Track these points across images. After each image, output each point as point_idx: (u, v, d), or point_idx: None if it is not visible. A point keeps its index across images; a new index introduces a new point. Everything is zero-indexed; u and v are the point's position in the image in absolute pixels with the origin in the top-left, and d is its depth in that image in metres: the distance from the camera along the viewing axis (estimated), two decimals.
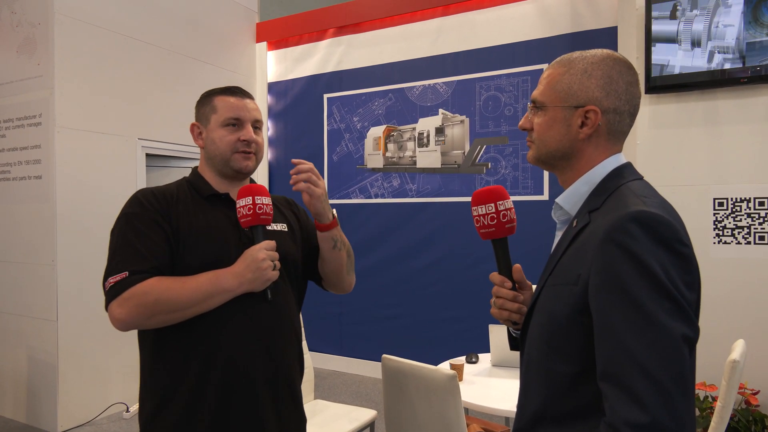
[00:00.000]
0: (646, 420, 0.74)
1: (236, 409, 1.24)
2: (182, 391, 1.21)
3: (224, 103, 1.33)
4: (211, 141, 1.33)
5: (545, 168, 1.05)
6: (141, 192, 1.31)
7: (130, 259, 1.19)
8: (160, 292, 1.16)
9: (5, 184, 3.68)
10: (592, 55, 0.97)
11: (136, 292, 1.16)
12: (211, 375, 1.22)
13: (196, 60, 4.40)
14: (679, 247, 0.82)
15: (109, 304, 1.18)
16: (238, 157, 1.32)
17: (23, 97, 3.55)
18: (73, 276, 3.46)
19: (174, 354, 1.23)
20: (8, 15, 3.63)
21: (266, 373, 1.28)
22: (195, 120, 1.39)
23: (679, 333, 0.77)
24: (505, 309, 1.08)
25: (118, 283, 1.17)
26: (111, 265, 1.21)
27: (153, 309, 1.16)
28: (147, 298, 1.16)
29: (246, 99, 1.36)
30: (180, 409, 1.21)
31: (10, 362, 3.63)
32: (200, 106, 1.38)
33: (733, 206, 2.98)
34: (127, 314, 1.16)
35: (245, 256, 1.22)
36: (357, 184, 4.63)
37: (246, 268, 1.20)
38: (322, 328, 4.69)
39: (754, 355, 2.80)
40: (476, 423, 2.14)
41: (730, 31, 2.90)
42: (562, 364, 0.89)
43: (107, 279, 1.20)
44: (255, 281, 1.21)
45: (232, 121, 1.32)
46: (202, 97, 1.40)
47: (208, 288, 1.19)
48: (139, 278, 1.17)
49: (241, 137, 1.31)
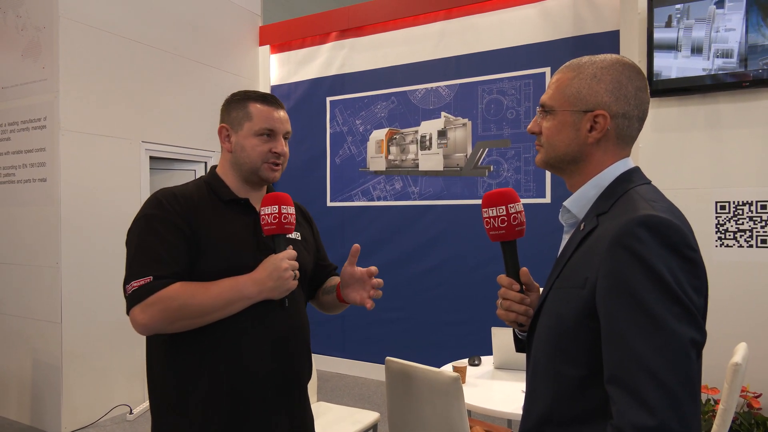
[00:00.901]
0: (654, 423, 0.74)
1: (250, 413, 1.25)
2: (197, 396, 1.22)
3: (260, 112, 1.32)
4: (242, 148, 1.31)
5: (553, 171, 1.05)
6: (161, 193, 1.28)
7: (153, 264, 1.18)
8: (185, 298, 1.16)
9: (10, 186, 3.69)
10: (602, 59, 0.98)
11: (160, 297, 1.16)
12: (227, 380, 1.22)
13: (200, 63, 4.42)
14: (688, 252, 0.82)
15: (131, 308, 1.17)
16: (266, 168, 1.32)
17: (28, 100, 3.57)
18: (77, 278, 3.47)
19: (190, 358, 1.23)
20: (13, 18, 3.65)
21: (281, 378, 1.30)
22: (223, 122, 1.36)
23: (688, 337, 0.78)
24: (512, 311, 1.09)
25: (142, 288, 1.16)
26: (133, 269, 1.19)
27: (177, 315, 1.16)
28: (171, 304, 1.16)
29: (281, 110, 1.36)
30: (196, 414, 1.21)
31: (14, 364, 3.64)
32: (232, 109, 1.35)
33: (735, 209, 2.99)
34: (150, 319, 1.16)
35: (267, 264, 1.22)
36: (359, 187, 4.65)
37: (268, 277, 1.21)
38: (326, 330, 4.70)
39: (756, 358, 2.81)
40: (479, 425, 2.14)
41: (732, 36, 2.91)
42: (569, 367, 0.90)
43: (129, 282, 1.18)
44: (276, 290, 1.22)
45: (266, 132, 1.31)
46: (234, 98, 1.36)
47: (231, 295, 1.19)
48: (162, 283, 1.17)
49: (273, 149, 1.31)
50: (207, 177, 1.37)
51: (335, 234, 4.71)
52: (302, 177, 4.94)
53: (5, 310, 3.71)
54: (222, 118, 1.37)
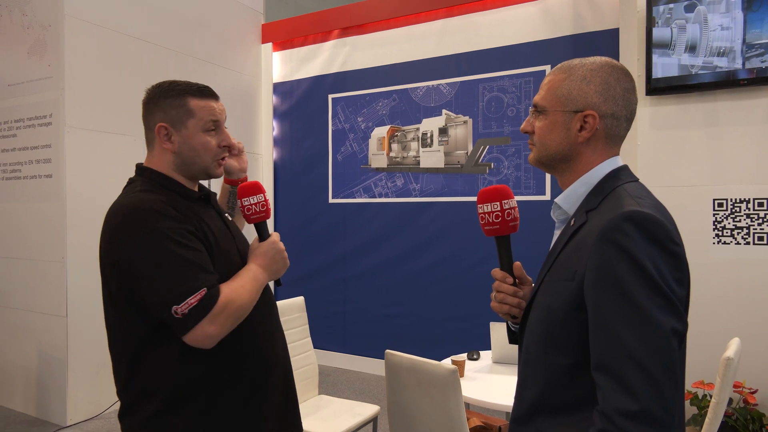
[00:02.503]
0: (637, 408, 0.78)
1: (269, 393, 1.31)
2: (214, 383, 1.22)
3: (202, 106, 1.26)
4: (190, 147, 1.26)
5: (545, 170, 1.09)
6: (153, 203, 1.18)
7: (198, 276, 1.13)
8: (238, 298, 1.18)
9: (16, 182, 3.74)
10: (591, 62, 1.01)
11: (222, 305, 1.14)
12: (246, 364, 1.26)
13: (203, 61, 4.45)
14: (671, 246, 0.86)
15: (196, 324, 1.11)
16: (216, 165, 1.31)
17: (34, 97, 3.61)
18: (82, 273, 3.51)
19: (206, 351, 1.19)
20: (19, 17, 3.69)
21: (283, 353, 1.37)
22: (159, 120, 1.25)
23: (669, 327, 0.81)
24: (505, 303, 1.13)
25: (202, 302, 1.11)
26: (179, 288, 1.11)
27: (236, 317, 1.17)
28: (232, 308, 1.16)
29: (218, 100, 1.32)
30: (209, 400, 1.21)
31: (20, 357, 3.69)
32: (167, 106, 1.25)
33: (733, 207, 3.02)
34: (221, 328, 1.14)
35: (266, 249, 1.30)
36: (361, 184, 4.68)
37: (272, 261, 1.29)
38: (326, 325, 4.74)
39: (752, 354, 2.84)
40: (476, 417, 2.19)
41: (729, 34, 2.93)
42: (559, 357, 0.93)
43: (183, 301, 1.10)
44: (280, 271, 1.32)
45: (212, 127, 1.28)
46: (165, 94, 1.26)
47: (257, 285, 1.25)
48: (216, 291, 1.15)
49: (222, 143, 1.30)
50: (157, 179, 1.27)
51: (337, 230, 4.75)
52: (304, 174, 4.97)
53: (12, 303, 3.76)
54: (153, 116, 1.27)
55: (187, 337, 1.12)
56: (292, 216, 5.02)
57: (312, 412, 2.57)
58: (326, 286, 4.78)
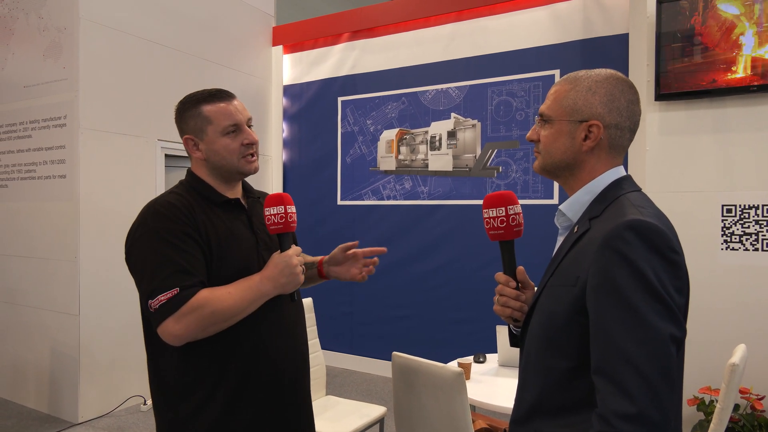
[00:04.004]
0: (634, 411, 0.80)
1: (275, 403, 1.32)
2: (222, 392, 1.26)
3: (216, 111, 1.31)
4: (215, 152, 1.31)
5: (550, 177, 1.11)
6: (159, 204, 1.26)
7: (176, 275, 1.18)
8: (214, 303, 1.19)
9: (31, 182, 3.81)
10: (597, 73, 1.04)
11: (191, 306, 1.17)
12: (252, 373, 1.28)
13: (214, 63, 4.51)
14: (671, 255, 0.88)
15: (163, 321, 1.17)
16: (244, 162, 1.34)
17: (49, 99, 3.68)
18: (94, 272, 3.57)
19: (211, 356, 1.26)
20: (35, 20, 3.76)
21: (296, 368, 1.38)
22: (185, 134, 1.34)
23: (668, 333, 0.83)
24: (508, 307, 1.15)
25: (171, 300, 1.17)
26: (155, 284, 1.18)
27: (209, 321, 1.19)
28: (203, 312, 1.18)
29: (234, 100, 1.35)
30: (221, 408, 1.25)
31: (33, 354, 3.76)
32: (188, 118, 1.33)
33: (742, 213, 3.01)
34: (185, 329, 1.17)
35: (277, 261, 1.27)
36: (369, 186, 4.71)
37: (280, 273, 1.26)
38: (334, 327, 4.77)
39: (760, 360, 2.83)
40: (482, 419, 2.20)
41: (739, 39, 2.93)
42: (559, 360, 0.96)
43: (155, 297, 1.18)
44: (288, 285, 1.27)
45: (231, 128, 1.31)
46: (185, 108, 1.34)
47: (252, 295, 1.24)
48: (190, 293, 1.18)
49: (244, 141, 1.33)
50: (191, 182, 1.36)
51: (345, 232, 4.78)
52: (313, 175, 5.01)
53: (25, 301, 3.83)
54: (182, 130, 1.36)
55: (158, 331, 1.20)
56: (300, 218, 5.00)
57: (320, 413, 2.59)
58: (334, 288, 4.81)
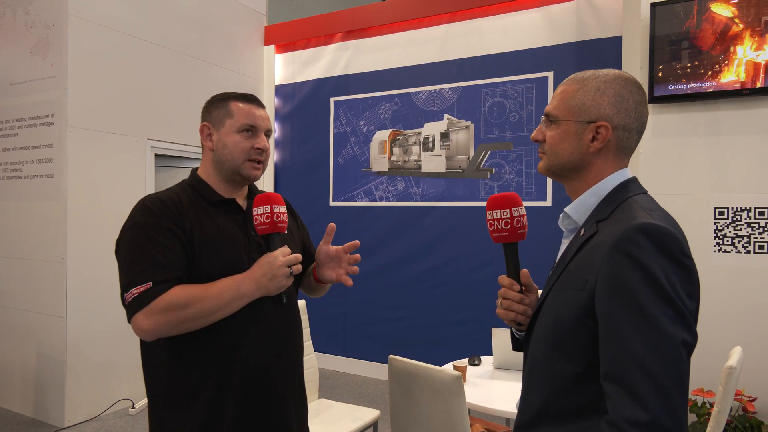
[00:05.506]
0: (647, 418, 0.78)
1: (258, 408, 1.29)
2: (205, 395, 1.24)
3: (241, 109, 1.34)
4: (224, 145, 1.32)
5: (555, 178, 1.09)
6: (149, 199, 1.27)
7: (152, 269, 1.18)
8: (186, 301, 1.17)
9: (17, 182, 3.73)
10: (605, 74, 1.02)
11: (162, 302, 1.16)
12: (233, 377, 1.25)
13: (206, 62, 4.46)
14: (683, 259, 0.87)
15: (134, 315, 1.18)
16: (248, 166, 1.33)
17: (36, 96, 3.61)
18: (82, 273, 3.51)
19: (194, 358, 1.24)
20: (23, 16, 3.69)
21: (283, 372, 1.34)
22: (204, 120, 1.37)
23: (680, 338, 0.82)
24: (511, 310, 1.13)
25: (143, 295, 1.17)
26: (130, 277, 1.19)
27: (180, 318, 1.17)
28: (174, 308, 1.17)
29: (262, 109, 1.38)
30: (204, 411, 1.24)
31: (19, 357, 3.68)
32: (213, 108, 1.36)
33: (734, 215, 3.03)
34: (154, 325, 1.16)
35: (262, 262, 1.25)
36: (362, 187, 4.69)
37: (263, 275, 1.23)
38: (327, 329, 4.74)
39: (752, 362, 2.85)
40: (479, 423, 2.18)
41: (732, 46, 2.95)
42: (565, 364, 0.94)
43: (128, 290, 1.18)
44: (270, 286, 1.24)
45: (248, 128, 1.33)
46: (215, 99, 1.38)
47: (230, 294, 1.21)
48: (163, 288, 1.17)
49: (255, 145, 1.33)
50: (190, 180, 1.37)
51: (337, 233, 4.69)
52: (305, 176, 4.98)
53: (11, 303, 3.75)
54: (203, 118, 1.38)
55: (131, 325, 1.20)
56: None
57: (312, 416, 2.56)
58: None
